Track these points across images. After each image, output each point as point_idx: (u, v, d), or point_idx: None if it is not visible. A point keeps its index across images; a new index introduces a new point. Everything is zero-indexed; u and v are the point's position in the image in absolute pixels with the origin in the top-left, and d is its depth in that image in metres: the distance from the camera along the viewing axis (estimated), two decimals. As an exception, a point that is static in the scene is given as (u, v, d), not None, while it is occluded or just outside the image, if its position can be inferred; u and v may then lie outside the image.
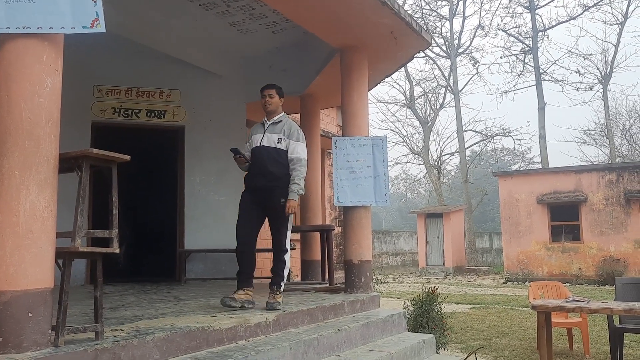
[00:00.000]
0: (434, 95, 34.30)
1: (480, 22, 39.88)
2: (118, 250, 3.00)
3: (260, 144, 4.66)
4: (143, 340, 2.98)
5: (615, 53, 30.63)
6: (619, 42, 30.51)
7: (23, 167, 2.64)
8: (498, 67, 61.13)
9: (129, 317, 3.87)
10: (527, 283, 16.83)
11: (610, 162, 28.95)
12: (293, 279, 8.55)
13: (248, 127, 9.03)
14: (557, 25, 30.69)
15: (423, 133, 33.69)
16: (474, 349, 6.08)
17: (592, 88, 31.30)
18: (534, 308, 5.56)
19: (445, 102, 33.74)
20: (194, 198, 7.94)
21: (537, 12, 29.70)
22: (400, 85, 52.10)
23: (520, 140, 48.27)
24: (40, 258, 2.65)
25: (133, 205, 10.63)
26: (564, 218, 18.26)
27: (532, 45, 29.84)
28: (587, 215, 17.83)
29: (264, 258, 9.28)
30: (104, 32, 2.88)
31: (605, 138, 33.27)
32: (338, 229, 10.99)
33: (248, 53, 8.09)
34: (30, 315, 2.58)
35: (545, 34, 30.98)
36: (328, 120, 11.49)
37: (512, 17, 39.67)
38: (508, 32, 31.38)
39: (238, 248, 4.56)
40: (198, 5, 6.53)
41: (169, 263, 8.43)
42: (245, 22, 7.04)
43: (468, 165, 31.56)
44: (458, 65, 31.95)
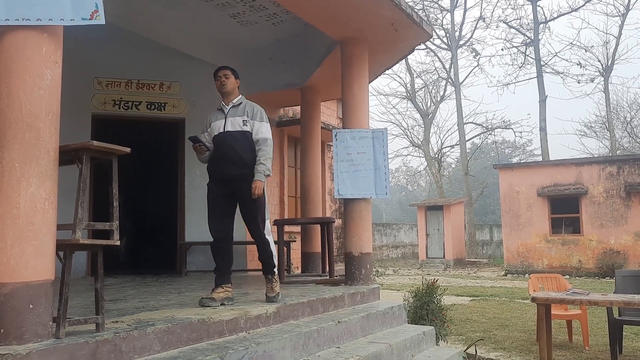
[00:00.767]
0: (435, 88, 34.26)
1: (482, 14, 39.78)
2: (119, 243, 3.01)
3: (225, 130, 4.36)
4: (144, 332, 2.99)
5: (617, 45, 30.55)
6: (621, 34, 30.41)
7: (23, 159, 2.64)
8: (499, 59, 61.01)
9: (130, 309, 3.89)
10: (527, 275, 16.86)
11: (611, 154, 28.93)
12: (293, 271, 8.57)
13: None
14: (558, 17, 30.58)
15: (424, 125, 33.65)
16: (474, 341, 6.11)
17: (593, 80, 31.23)
18: (534, 300, 5.57)
19: (446, 94, 33.70)
20: (194, 190, 7.95)
21: (538, 4, 29.55)
22: (401, 78, 51.98)
23: (521, 133, 48.33)
24: (41, 250, 2.66)
25: (134, 198, 10.65)
26: (564, 210, 18.26)
27: (533, 37, 29.74)
28: (587, 208, 17.83)
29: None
30: (104, 23, 2.87)
31: (606, 130, 33.24)
32: (338, 222, 11.00)
33: (248, 45, 8.06)
34: (32, 307, 2.59)
35: (547, 26, 30.91)
36: (328, 113, 11.47)
37: (513, 9, 39.38)
38: (509, 24, 31.28)
39: (213, 244, 4.34)
40: (198, -3, 6.50)
41: (170, 255, 8.45)
42: (246, 13, 7.01)
43: (468, 158, 31.54)
44: (459, 58, 31.89)
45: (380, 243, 28.64)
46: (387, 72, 9.69)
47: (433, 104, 34.04)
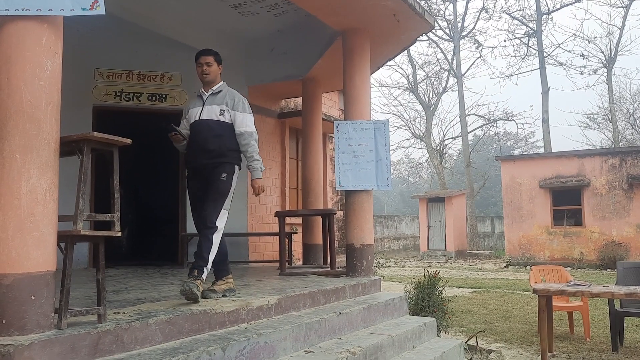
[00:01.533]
0: (437, 79, 34.16)
1: (484, 4, 39.45)
2: (120, 234, 3.01)
3: (200, 118, 4.12)
4: (145, 323, 3.00)
5: (620, 36, 30.38)
6: (624, 25, 30.26)
7: (24, 150, 2.63)
8: (501, 50, 60.69)
9: (132, 299, 3.89)
10: (528, 267, 16.88)
11: (614, 146, 28.85)
12: (295, 263, 8.59)
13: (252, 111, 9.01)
14: (561, 8, 30.42)
15: (425, 117, 33.58)
16: (475, 332, 6.12)
17: (596, 72, 31.11)
18: (535, 292, 5.58)
19: (448, 85, 33.63)
20: (196, 182, 7.94)
21: (541, -6, 29.37)
22: (403, 69, 51.76)
23: (523, 125, 48.31)
24: (42, 241, 2.66)
25: (135, 189, 10.66)
26: (566, 202, 18.25)
27: (536, 29, 29.59)
28: (589, 200, 17.81)
29: (266, 242, 9.33)
30: (104, 14, 2.86)
31: (609, 122, 33.12)
32: (340, 213, 11.01)
33: (249, 36, 8.03)
34: (33, 298, 2.59)
35: (550, 17, 30.73)
36: (330, 104, 11.44)
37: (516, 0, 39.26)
38: (512, 15, 31.11)
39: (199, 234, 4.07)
40: (199, -12, 6.47)
41: (171, 246, 8.46)
42: (247, 4, 6.98)
43: (470, 150, 31.49)
44: (461, 49, 31.79)
45: (382, 235, 28.67)
46: (389, 63, 9.66)
47: (435, 96, 33.98)
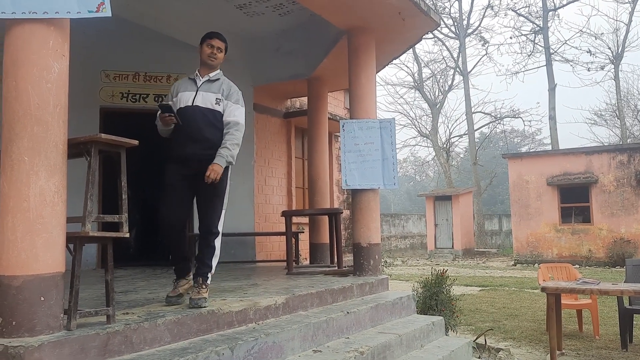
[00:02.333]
0: (443, 77, 34.06)
1: (490, 1, 39.29)
2: (128, 235, 3.02)
3: (193, 104, 3.82)
4: (154, 323, 3.01)
5: (627, 32, 30.17)
6: (631, 20, 30.03)
7: (32, 152, 2.65)
8: (508, 47, 60.56)
9: (140, 300, 3.91)
10: (536, 265, 16.81)
11: (622, 142, 28.67)
12: (302, 262, 8.59)
13: (256, 111, 9.03)
14: (567, 4, 30.20)
15: (432, 115, 33.50)
16: (483, 331, 6.10)
17: (603, 68, 30.93)
18: (544, 290, 5.56)
19: (454, 83, 33.50)
20: (203, 182, 7.95)
21: (547, -9, 29.23)
22: (409, 67, 51.59)
23: (530, 122, 48.09)
24: (51, 243, 2.67)
25: (143, 190, 10.70)
26: (574, 200, 18.15)
27: (542, 25, 29.44)
28: (597, 197, 17.71)
29: (273, 241, 9.33)
30: (110, 16, 2.87)
31: (617, 119, 32.92)
32: (346, 212, 11.00)
33: (255, 36, 8.04)
34: (43, 300, 2.61)
35: (556, 14, 30.58)
36: (336, 103, 11.44)
37: (522, -4, 39.01)
38: (518, 11, 30.97)
39: (167, 234, 3.78)
40: (204, -12, 6.48)
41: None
42: (252, 4, 6.99)
43: (477, 147, 31.38)
44: (467, 46, 31.66)
45: (389, 234, 28.63)
46: (394, 61, 9.64)
47: (441, 94, 33.88)
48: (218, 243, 3.87)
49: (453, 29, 31.45)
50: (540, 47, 30.06)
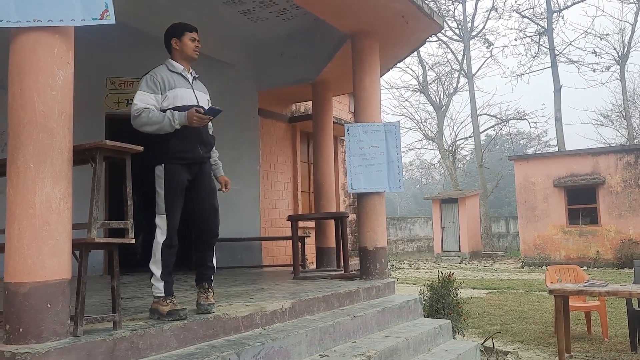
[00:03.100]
0: (448, 80, 34.06)
1: (494, 4, 39.26)
2: (134, 241, 3.03)
3: (199, 104, 3.64)
4: (160, 329, 3.01)
5: (633, 32, 30.09)
6: (637, 20, 29.92)
7: (38, 159, 2.66)
8: (512, 49, 60.31)
9: (147, 306, 3.90)
10: (544, 267, 16.72)
11: (628, 143, 28.53)
12: (308, 267, 8.58)
13: (261, 116, 9.04)
14: (572, 5, 30.13)
15: (437, 118, 33.46)
16: (491, 334, 6.07)
17: (609, 69, 30.85)
18: (551, 292, 5.53)
19: (459, 86, 33.49)
20: (209, 187, 7.97)
21: (551, -8, 29.18)
22: (413, 70, 51.62)
23: (536, 124, 47.84)
24: (58, 249, 2.68)
25: (148, 196, 10.72)
26: (581, 201, 18.06)
27: (546, 27, 29.38)
28: (604, 198, 17.62)
29: (280, 246, 9.33)
30: (114, 23, 2.88)
31: (623, 119, 32.79)
32: (352, 216, 10.99)
33: (259, 41, 8.06)
34: (49, 306, 2.61)
35: (560, 15, 30.61)
36: (340, 107, 11.45)
37: (526, -2, 39.04)
38: (522, 13, 30.94)
39: (167, 246, 3.50)
40: (208, -6, 6.51)
41: (185, 253, 8.49)
42: (256, 10, 7.01)
43: (483, 150, 31.31)
44: (471, 49, 31.64)
45: (395, 237, 28.58)
46: (399, 65, 9.64)
47: (446, 96, 33.86)
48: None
49: (457, 32, 31.46)
50: (545, 48, 30.00)
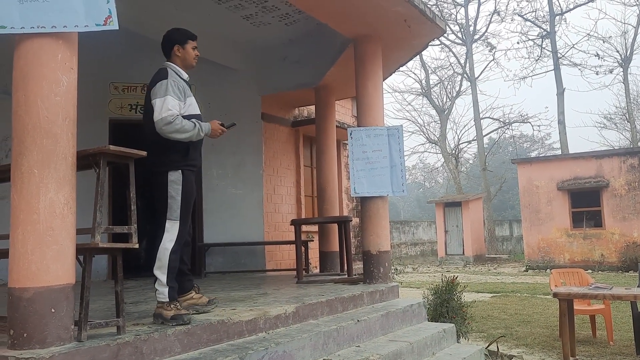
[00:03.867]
0: (450, 83, 34.06)
1: (496, 7, 39.35)
2: (137, 246, 3.03)
3: (200, 112, 3.73)
4: (164, 334, 3.01)
5: (636, 35, 30.04)
6: (639, 23, 29.89)
7: (42, 165, 2.67)
8: (515, 52, 60.53)
9: (151, 311, 3.90)
10: (548, 270, 16.66)
11: (632, 146, 28.45)
12: (312, 271, 8.58)
13: (264, 120, 9.06)
14: (574, 8, 30.18)
15: (440, 121, 33.46)
16: (496, 338, 6.05)
17: (612, 71, 30.80)
18: (556, 295, 5.51)
19: (462, 89, 33.50)
20: (212, 192, 7.99)
21: (554, -5, 29.19)
22: (416, 74, 51.62)
23: (539, 127, 47.86)
24: (61, 254, 2.69)
25: (152, 201, 10.74)
26: (585, 204, 18.01)
27: (549, 30, 29.39)
28: (608, 201, 17.56)
29: (283, 250, 9.34)
30: (117, 29, 2.89)
31: (627, 122, 32.73)
32: (356, 220, 10.98)
33: (262, 46, 8.08)
34: (53, 311, 2.62)
35: (563, 18, 30.55)
36: (343, 111, 11.46)
37: (528, 1, 39.25)
38: (524, 16, 30.97)
39: (176, 250, 3.48)
40: None
41: (189, 257, 8.50)
42: (258, 15, 7.03)
43: (486, 153, 31.28)
44: (474, 52, 31.65)
45: (399, 241, 28.54)
46: (401, 68, 9.65)
47: (449, 100, 33.86)
48: None
49: (460, 35, 31.48)
50: (548, 51, 30.00)
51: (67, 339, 2.65)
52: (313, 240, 8.80)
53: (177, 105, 3.48)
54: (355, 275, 6.22)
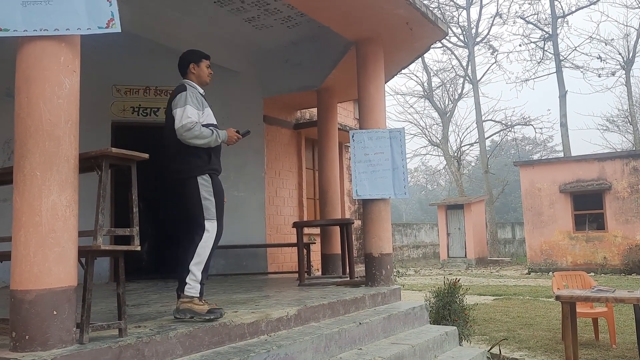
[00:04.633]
0: (452, 86, 34.05)
1: (498, 10, 39.32)
2: (139, 248, 3.03)
3: (216, 122, 4.02)
4: (166, 336, 3.01)
5: (638, 37, 30.01)
6: (642, 26, 29.86)
7: (44, 167, 2.67)
8: (517, 55, 60.45)
9: (152, 313, 3.92)
10: (550, 273, 16.62)
11: (635, 148, 28.40)
12: (314, 273, 8.58)
13: (266, 123, 9.07)
14: (577, 11, 30.19)
15: (442, 124, 33.44)
16: (498, 341, 6.04)
17: (614, 74, 30.80)
18: (558, 298, 5.49)
19: (464, 92, 33.47)
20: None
21: (556, -2, 29.20)
22: (418, 77, 51.75)
23: (542, 129, 47.78)
24: (63, 257, 2.69)
25: (156, 203, 10.75)
26: (588, 207, 17.97)
27: (551, 32, 29.37)
28: (611, 204, 17.53)
29: (285, 253, 9.33)
30: (120, 32, 2.90)
31: (629, 124, 32.65)
32: (358, 223, 10.98)
33: (264, 48, 8.10)
34: (55, 313, 2.62)
35: (565, 20, 30.53)
36: (345, 114, 11.46)
37: (530, 4, 39.04)
38: (526, 19, 30.95)
39: (214, 247, 3.73)
40: (213, 2, 6.55)
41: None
42: (260, 17, 7.05)
43: (488, 156, 31.26)
44: (476, 55, 31.69)
45: (401, 243, 28.50)
46: (403, 71, 9.66)
47: (451, 102, 33.84)
48: None
49: (462, 38, 31.49)
50: (550, 54, 29.98)
51: (68, 341, 2.66)
52: (315, 243, 8.80)
53: (195, 114, 3.70)
54: (357, 278, 6.21)
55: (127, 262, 3.12)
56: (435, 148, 34.87)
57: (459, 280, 6.41)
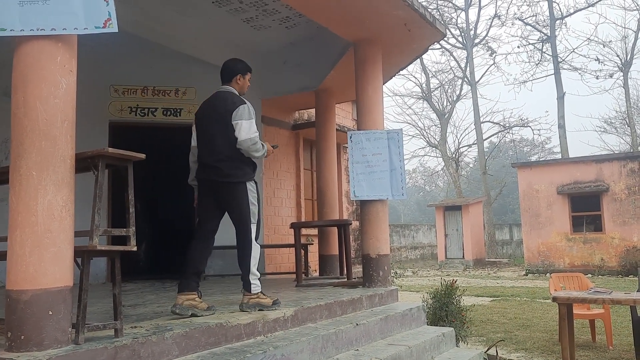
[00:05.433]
0: (451, 87, 34.08)
1: (497, 11, 39.39)
2: (135, 248, 3.02)
3: None
4: (162, 337, 3.00)
5: (636, 39, 30.05)
6: (639, 28, 29.93)
7: (40, 167, 2.67)
8: (515, 56, 60.52)
9: (149, 314, 3.91)
10: (548, 275, 16.63)
11: (632, 150, 28.44)
12: (311, 274, 8.57)
13: (265, 123, 9.06)
14: (575, 13, 30.24)
15: (440, 125, 33.47)
16: (495, 342, 6.04)
17: (612, 76, 30.83)
18: (555, 300, 5.50)
19: (462, 93, 33.50)
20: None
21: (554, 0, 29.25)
22: (416, 78, 51.82)
23: (540, 131, 47.79)
24: (59, 257, 2.68)
25: (153, 203, 10.74)
26: (585, 208, 18.00)
27: (549, 34, 29.42)
28: (608, 205, 17.55)
29: (283, 253, 9.32)
30: (117, 32, 2.90)
31: (627, 126, 32.69)
32: (355, 223, 10.98)
33: (262, 49, 8.09)
34: (51, 314, 2.61)
35: (563, 22, 30.60)
36: (343, 115, 11.47)
37: (528, 5, 39.22)
38: (525, 21, 31.00)
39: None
40: (211, 3, 6.54)
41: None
42: (259, 18, 7.04)
43: (486, 157, 31.28)
44: (474, 56, 31.68)
45: (399, 244, 28.51)
46: (402, 72, 9.66)
47: (449, 104, 33.88)
48: None
49: (460, 39, 31.52)
50: (548, 55, 30.03)
51: (64, 342, 2.65)
52: (313, 244, 8.79)
53: (255, 128, 4.07)
54: (355, 279, 6.21)
55: (123, 262, 3.11)
56: (434, 149, 34.91)
57: (457, 282, 6.41)
